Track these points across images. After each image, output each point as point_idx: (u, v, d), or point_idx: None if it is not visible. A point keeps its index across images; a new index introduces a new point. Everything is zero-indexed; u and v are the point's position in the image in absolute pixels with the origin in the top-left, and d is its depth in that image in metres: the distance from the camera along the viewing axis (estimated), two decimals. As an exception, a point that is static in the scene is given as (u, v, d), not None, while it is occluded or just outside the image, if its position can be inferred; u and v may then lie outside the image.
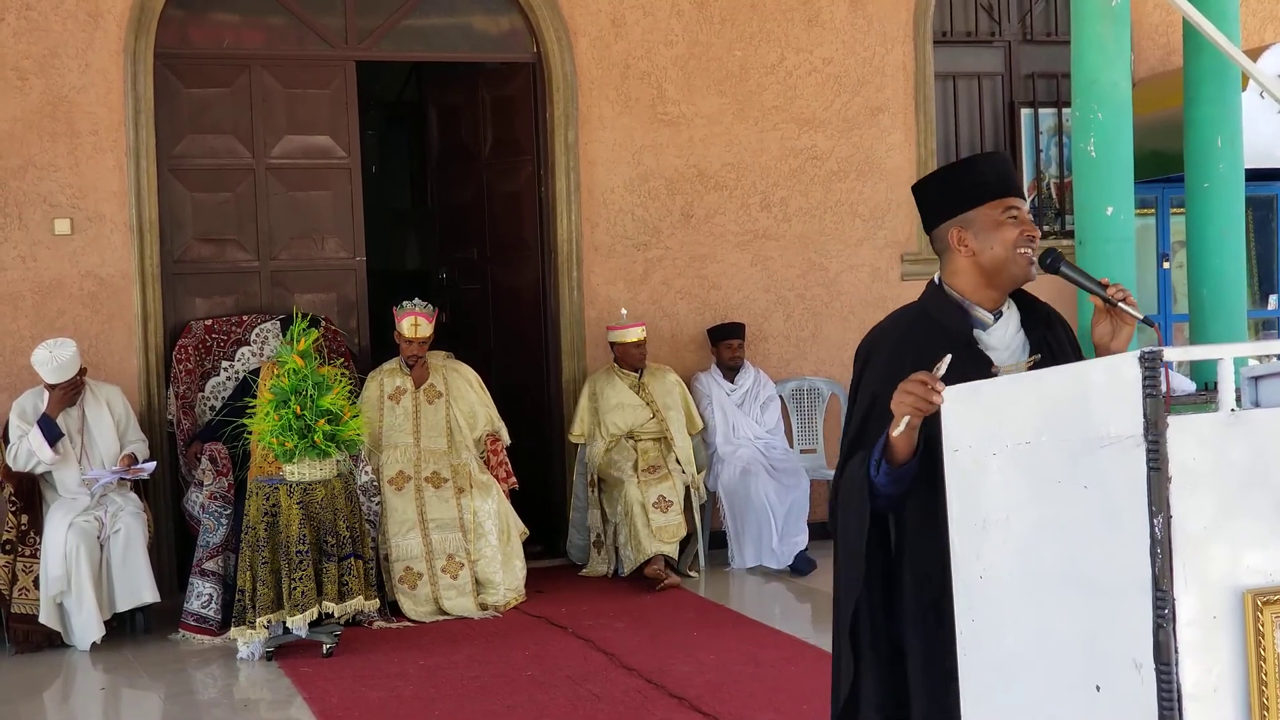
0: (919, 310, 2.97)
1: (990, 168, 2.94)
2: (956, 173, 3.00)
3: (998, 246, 2.86)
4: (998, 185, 2.89)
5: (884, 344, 2.92)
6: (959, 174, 2.98)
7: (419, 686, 5.75)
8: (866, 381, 2.90)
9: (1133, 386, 2.05)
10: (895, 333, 2.94)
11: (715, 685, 5.59)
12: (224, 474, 6.80)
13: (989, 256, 2.87)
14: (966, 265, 2.89)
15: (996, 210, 2.86)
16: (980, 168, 2.96)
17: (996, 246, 2.86)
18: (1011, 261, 2.86)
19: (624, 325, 7.71)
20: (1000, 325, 2.90)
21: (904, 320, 2.97)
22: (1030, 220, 2.88)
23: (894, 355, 2.86)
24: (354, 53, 7.80)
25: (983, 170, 2.94)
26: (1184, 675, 2.00)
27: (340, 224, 7.81)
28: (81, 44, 7.17)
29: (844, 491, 2.84)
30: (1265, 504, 2.07)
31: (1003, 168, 2.96)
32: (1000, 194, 2.88)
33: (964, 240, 2.89)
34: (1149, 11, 9.06)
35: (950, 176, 3.00)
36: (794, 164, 8.37)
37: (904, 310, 3.02)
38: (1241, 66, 2.85)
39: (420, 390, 7.23)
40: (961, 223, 2.89)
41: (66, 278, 7.17)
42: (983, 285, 2.89)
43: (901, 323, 2.96)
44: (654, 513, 7.32)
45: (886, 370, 2.84)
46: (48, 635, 6.48)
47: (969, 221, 2.88)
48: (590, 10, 7.98)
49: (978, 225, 2.87)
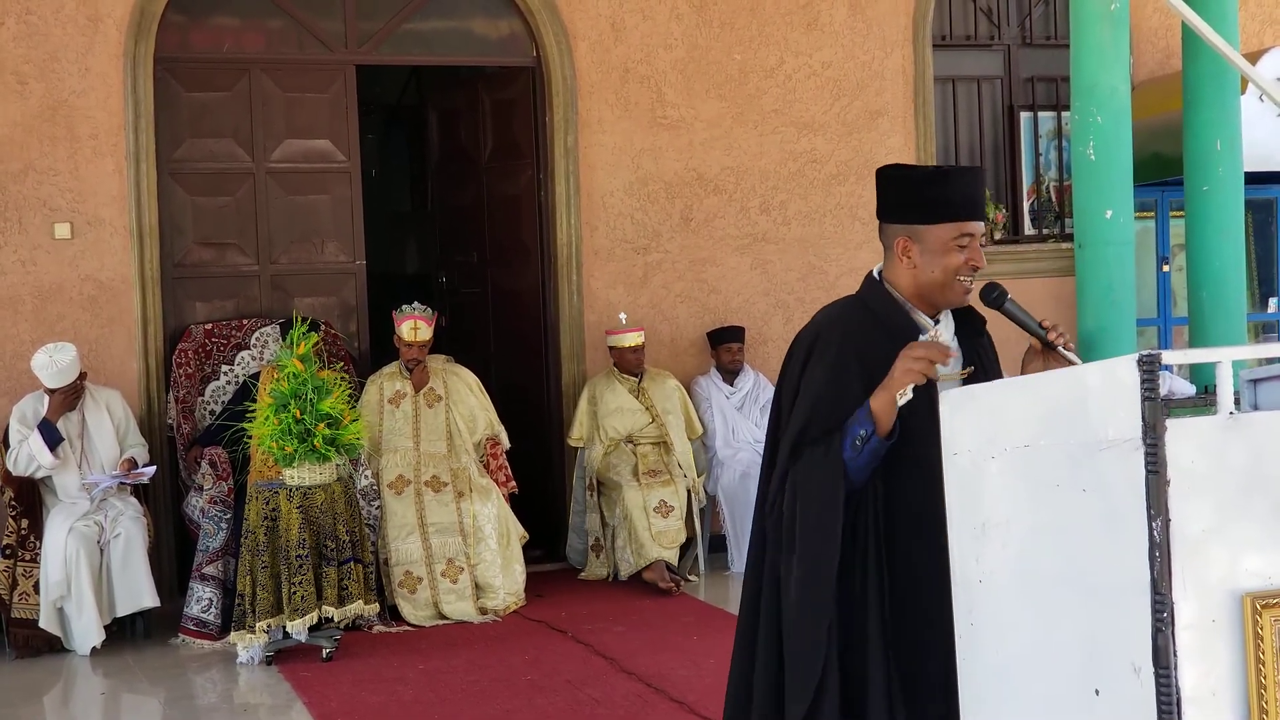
0: (859, 305, 2.95)
1: (960, 187, 2.90)
2: (924, 181, 2.96)
3: (938, 271, 2.85)
4: (959, 207, 2.86)
5: (828, 339, 2.90)
6: (926, 184, 2.94)
7: (418, 691, 5.75)
8: (811, 377, 2.86)
9: (1131, 390, 2.05)
10: (838, 329, 2.91)
11: (715, 689, 5.57)
12: (224, 478, 6.80)
13: (927, 277, 2.86)
14: (906, 275, 2.89)
15: (949, 233, 2.84)
16: (950, 184, 2.91)
17: (937, 271, 2.85)
18: (947, 287, 2.86)
19: (622, 330, 7.71)
20: (942, 329, 2.90)
21: (844, 316, 2.94)
22: (979, 249, 2.86)
23: (840, 351, 2.84)
24: (354, 56, 7.80)
25: (952, 187, 2.89)
26: (1183, 679, 2.00)
27: (340, 228, 7.81)
28: (81, 48, 7.17)
29: (806, 484, 2.78)
30: (1264, 507, 2.07)
31: (971, 189, 2.91)
32: (957, 217, 2.85)
33: (909, 251, 2.88)
34: (1148, 15, 9.06)
35: (917, 182, 2.96)
36: (793, 167, 8.37)
37: (841, 305, 2.99)
38: (1240, 70, 2.86)
39: (420, 394, 7.23)
40: (911, 234, 2.87)
41: (66, 282, 7.17)
42: (917, 296, 2.90)
43: (842, 319, 2.93)
44: (654, 517, 7.32)
45: (833, 366, 2.83)
46: (48, 640, 6.48)
47: (918, 235, 2.87)
48: (590, 14, 7.99)
49: (926, 243, 2.86)
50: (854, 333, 2.88)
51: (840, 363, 2.83)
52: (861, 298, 2.96)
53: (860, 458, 2.74)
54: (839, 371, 2.82)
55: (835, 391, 2.80)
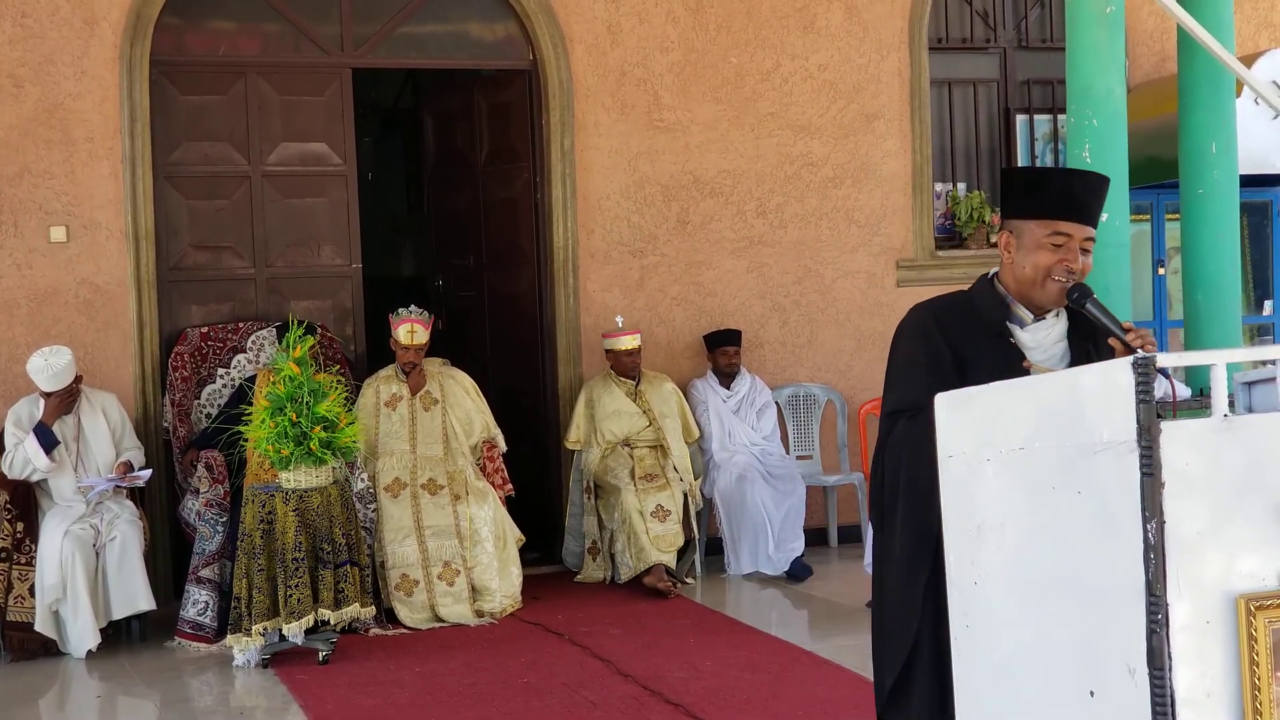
0: (963, 297, 3.05)
1: (1066, 186, 2.95)
2: (1036, 178, 3.13)
3: (1029, 268, 2.91)
4: (1059, 206, 2.90)
5: (918, 319, 3.01)
6: (1036, 180, 3.06)
7: (415, 694, 5.75)
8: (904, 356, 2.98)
9: (1126, 392, 2.05)
10: (932, 312, 3.01)
11: (712, 692, 5.59)
12: (220, 481, 6.80)
13: (1021, 273, 2.93)
14: (1007, 271, 2.97)
15: (1044, 231, 2.89)
16: (1055, 183, 3.00)
17: (1028, 267, 2.91)
18: (1039, 286, 2.91)
19: (619, 333, 7.71)
20: (1043, 326, 2.95)
21: (943, 302, 3.05)
22: (1076, 252, 2.89)
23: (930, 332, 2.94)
24: (350, 60, 7.80)
25: (1057, 186, 2.96)
26: (1177, 680, 2.01)
27: (336, 231, 7.81)
28: (77, 51, 7.17)
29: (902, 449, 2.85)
30: (1258, 509, 2.07)
31: (1075, 191, 2.93)
32: (1055, 215, 2.89)
33: (1009, 246, 2.97)
34: (1144, 18, 9.07)
35: (1028, 179, 3.11)
36: (790, 170, 8.37)
37: (949, 294, 3.10)
38: (1236, 73, 2.86)
39: (416, 397, 7.23)
40: (1012, 229, 2.96)
41: (62, 285, 7.17)
42: (1018, 294, 2.96)
43: (940, 304, 3.04)
44: (652, 522, 7.32)
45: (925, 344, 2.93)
46: (43, 643, 6.46)
47: (1019, 231, 2.94)
48: (586, 17, 7.99)
49: (1024, 238, 2.93)
50: (944, 317, 2.98)
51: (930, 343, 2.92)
52: (969, 290, 3.07)
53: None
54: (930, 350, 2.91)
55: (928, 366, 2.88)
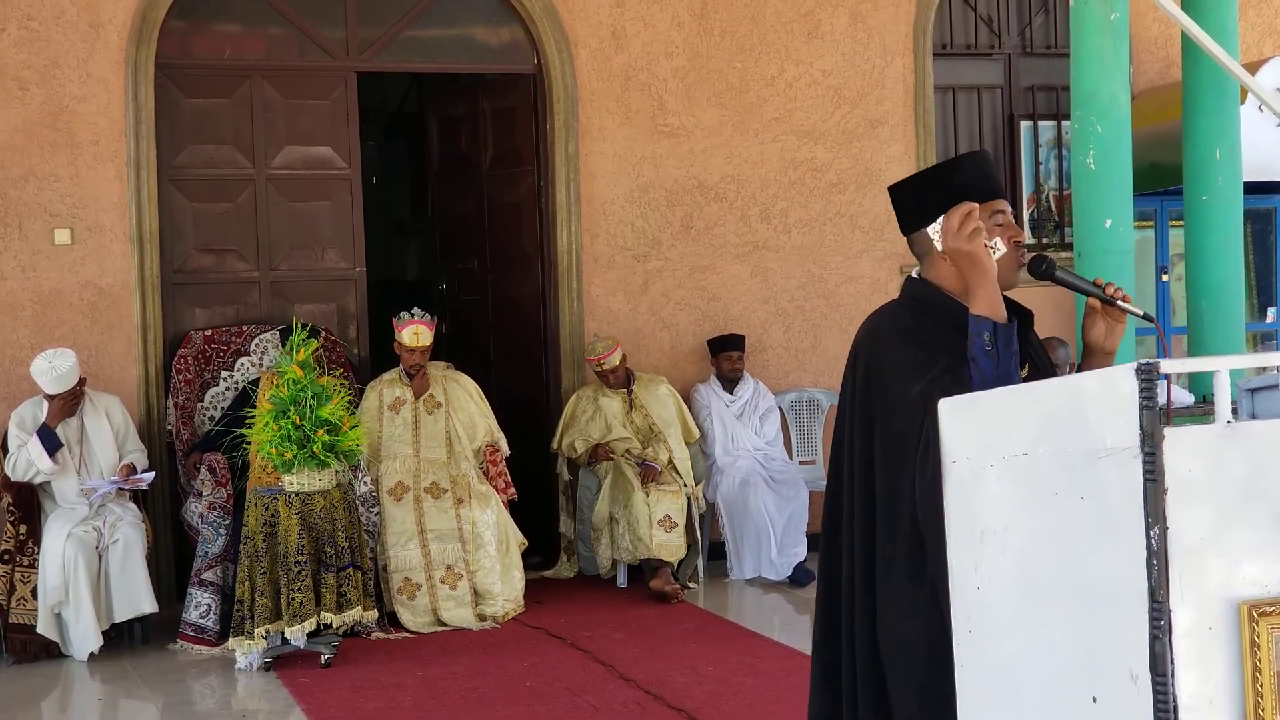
0: (906, 302, 2.83)
1: (975, 169, 2.81)
2: (939, 174, 2.88)
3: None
4: (983, 188, 2.77)
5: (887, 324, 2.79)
6: (942, 176, 2.85)
7: (417, 697, 5.75)
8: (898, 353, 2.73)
9: (1129, 398, 2.05)
10: (892, 316, 2.81)
11: (714, 696, 5.58)
12: (223, 484, 6.80)
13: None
14: (949, 270, 2.76)
15: (982, 215, 2.73)
16: (965, 169, 2.82)
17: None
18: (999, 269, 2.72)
19: (601, 355, 7.61)
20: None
21: (893, 309, 2.84)
22: (1014, 224, 2.78)
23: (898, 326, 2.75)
24: (355, 63, 7.81)
25: (967, 171, 2.80)
26: (1180, 686, 2.00)
27: (340, 234, 7.82)
28: (82, 54, 7.18)
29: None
30: (1262, 515, 2.07)
31: (986, 169, 2.82)
32: (985, 197, 2.76)
33: (937, 243, 2.77)
34: (1148, 25, 9.07)
35: (933, 178, 2.88)
36: (794, 176, 8.38)
37: (893, 305, 2.86)
38: (1240, 80, 2.86)
39: (420, 401, 7.23)
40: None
41: (66, 288, 7.17)
42: (964, 291, 2.73)
43: (900, 314, 2.81)
44: (657, 530, 7.27)
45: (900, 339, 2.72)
46: (45, 645, 6.47)
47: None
48: (591, 22, 8.00)
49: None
50: (908, 324, 2.76)
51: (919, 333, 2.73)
52: (906, 297, 2.83)
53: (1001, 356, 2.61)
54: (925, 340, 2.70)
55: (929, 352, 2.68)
